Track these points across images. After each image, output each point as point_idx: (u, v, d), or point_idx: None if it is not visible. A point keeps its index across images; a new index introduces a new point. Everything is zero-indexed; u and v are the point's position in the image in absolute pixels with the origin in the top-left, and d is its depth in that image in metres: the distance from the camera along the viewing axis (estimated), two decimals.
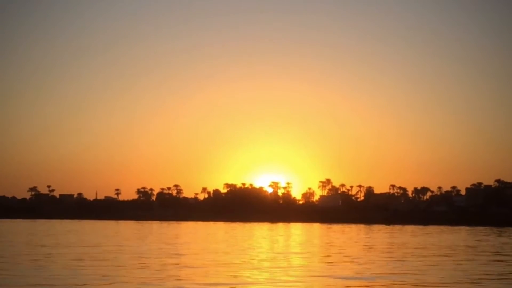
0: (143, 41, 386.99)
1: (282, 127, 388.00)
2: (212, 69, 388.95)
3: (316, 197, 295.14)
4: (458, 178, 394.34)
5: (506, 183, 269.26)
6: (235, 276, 33.77)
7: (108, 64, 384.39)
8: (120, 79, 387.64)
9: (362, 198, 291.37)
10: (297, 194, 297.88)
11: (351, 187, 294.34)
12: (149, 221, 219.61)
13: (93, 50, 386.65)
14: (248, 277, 33.75)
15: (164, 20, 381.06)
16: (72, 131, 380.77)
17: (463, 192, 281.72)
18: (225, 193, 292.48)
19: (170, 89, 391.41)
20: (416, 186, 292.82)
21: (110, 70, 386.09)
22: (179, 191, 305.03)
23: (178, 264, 41.48)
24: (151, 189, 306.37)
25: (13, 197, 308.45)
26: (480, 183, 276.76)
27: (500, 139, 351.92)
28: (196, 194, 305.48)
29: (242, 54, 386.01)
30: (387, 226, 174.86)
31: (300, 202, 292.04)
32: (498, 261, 47.47)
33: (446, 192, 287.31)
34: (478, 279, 33.63)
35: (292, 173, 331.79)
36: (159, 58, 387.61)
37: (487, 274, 36.33)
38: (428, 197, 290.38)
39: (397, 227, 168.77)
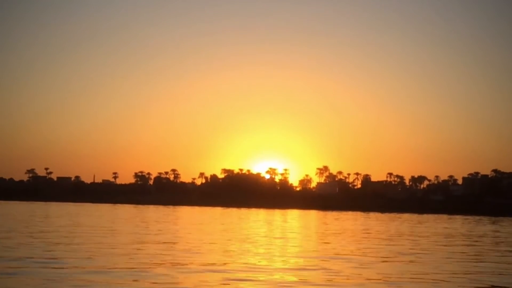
0: (143, 28, 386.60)
1: (280, 114, 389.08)
2: (211, 57, 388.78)
3: (313, 184, 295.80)
4: (455, 167, 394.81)
5: (503, 173, 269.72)
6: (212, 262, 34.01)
7: (109, 49, 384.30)
8: (120, 64, 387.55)
9: (359, 185, 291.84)
10: (294, 180, 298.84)
11: (348, 174, 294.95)
12: (146, 205, 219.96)
13: (94, 36, 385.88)
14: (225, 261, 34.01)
15: (166, 7, 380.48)
16: (71, 114, 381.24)
17: (460, 181, 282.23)
18: (222, 179, 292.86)
19: (170, 75, 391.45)
20: (413, 174, 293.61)
21: (111, 55, 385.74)
22: (176, 176, 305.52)
23: (174, 248, 41.72)
24: (148, 173, 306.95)
25: (11, 179, 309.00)
26: (477, 173, 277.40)
27: (497, 129, 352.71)
28: (194, 179, 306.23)
29: (242, 42, 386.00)
30: (382, 214, 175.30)
31: (297, 189, 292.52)
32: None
33: (443, 181, 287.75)
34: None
35: (289, 159, 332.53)
36: (159, 44, 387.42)
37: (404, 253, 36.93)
38: (425, 186, 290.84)
39: (392, 215, 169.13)
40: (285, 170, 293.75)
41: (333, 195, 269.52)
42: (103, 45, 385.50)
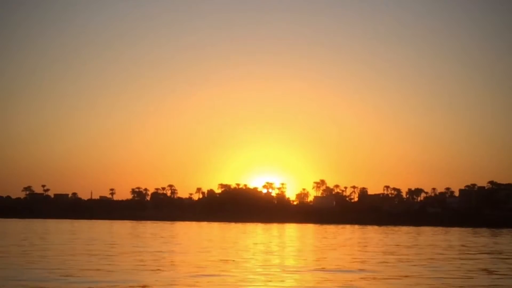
0: (140, 42, 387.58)
1: (277, 128, 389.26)
2: (208, 70, 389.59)
3: (310, 198, 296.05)
4: (452, 179, 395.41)
5: (500, 184, 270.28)
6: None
7: (105, 64, 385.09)
8: (116, 79, 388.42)
9: (356, 199, 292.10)
10: (291, 194, 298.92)
11: (345, 188, 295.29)
12: (143, 221, 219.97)
13: (91, 51, 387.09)
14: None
15: (161, 20, 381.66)
16: (67, 131, 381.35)
17: (457, 194, 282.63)
18: (219, 194, 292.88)
19: (166, 89, 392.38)
20: (410, 187, 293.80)
21: (107, 70, 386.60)
22: (173, 191, 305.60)
23: (172, 262, 42.12)
24: (145, 189, 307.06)
25: (8, 197, 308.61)
26: (473, 185, 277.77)
27: (493, 141, 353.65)
28: (191, 194, 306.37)
29: (239, 54, 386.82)
30: (379, 227, 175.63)
31: (294, 203, 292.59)
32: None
33: (440, 193, 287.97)
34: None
35: (286, 173, 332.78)
36: (156, 58, 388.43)
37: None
38: (422, 198, 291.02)
39: (390, 228, 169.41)
40: (282, 184, 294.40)
41: (330, 209, 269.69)
42: (100, 60, 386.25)
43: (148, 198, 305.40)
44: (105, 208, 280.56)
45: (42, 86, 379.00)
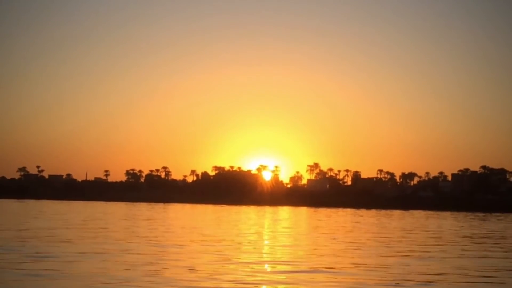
0: (137, 26, 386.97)
1: (272, 111, 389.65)
2: (202, 54, 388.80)
3: (304, 181, 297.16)
4: (446, 163, 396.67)
5: (492, 169, 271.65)
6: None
7: (103, 48, 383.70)
8: (113, 63, 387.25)
9: (350, 182, 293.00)
10: (285, 177, 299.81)
11: (339, 171, 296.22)
12: (138, 203, 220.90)
13: (88, 35, 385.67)
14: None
15: (160, 4, 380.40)
16: (62, 113, 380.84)
17: (449, 178, 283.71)
18: (213, 176, 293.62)
19: (162, 73, 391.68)
20: (403, 171, 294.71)
21: (102, 54, 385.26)
22: (167, 173, 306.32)
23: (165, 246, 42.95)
24: (140, 171, 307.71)
25: (3, 177, 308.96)
26: (466, 169, 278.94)
27: (487, 126, 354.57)
28: (185, 176, 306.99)
29: (235, 39, 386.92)
30: (369, 211, 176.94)
31: (288, 186, 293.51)
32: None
33: (434, 177, 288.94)
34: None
35: (280, 156, 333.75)
36: (150, 42, 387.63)
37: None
38: (415, 182, 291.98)
39: (383, 212, 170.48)
40: (276, 167, 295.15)
41: (324, 192, 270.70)
42: (95, 44, 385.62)
43: (142, 179, 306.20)
44: (100, 190, 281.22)
45: (37, 69, 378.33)
